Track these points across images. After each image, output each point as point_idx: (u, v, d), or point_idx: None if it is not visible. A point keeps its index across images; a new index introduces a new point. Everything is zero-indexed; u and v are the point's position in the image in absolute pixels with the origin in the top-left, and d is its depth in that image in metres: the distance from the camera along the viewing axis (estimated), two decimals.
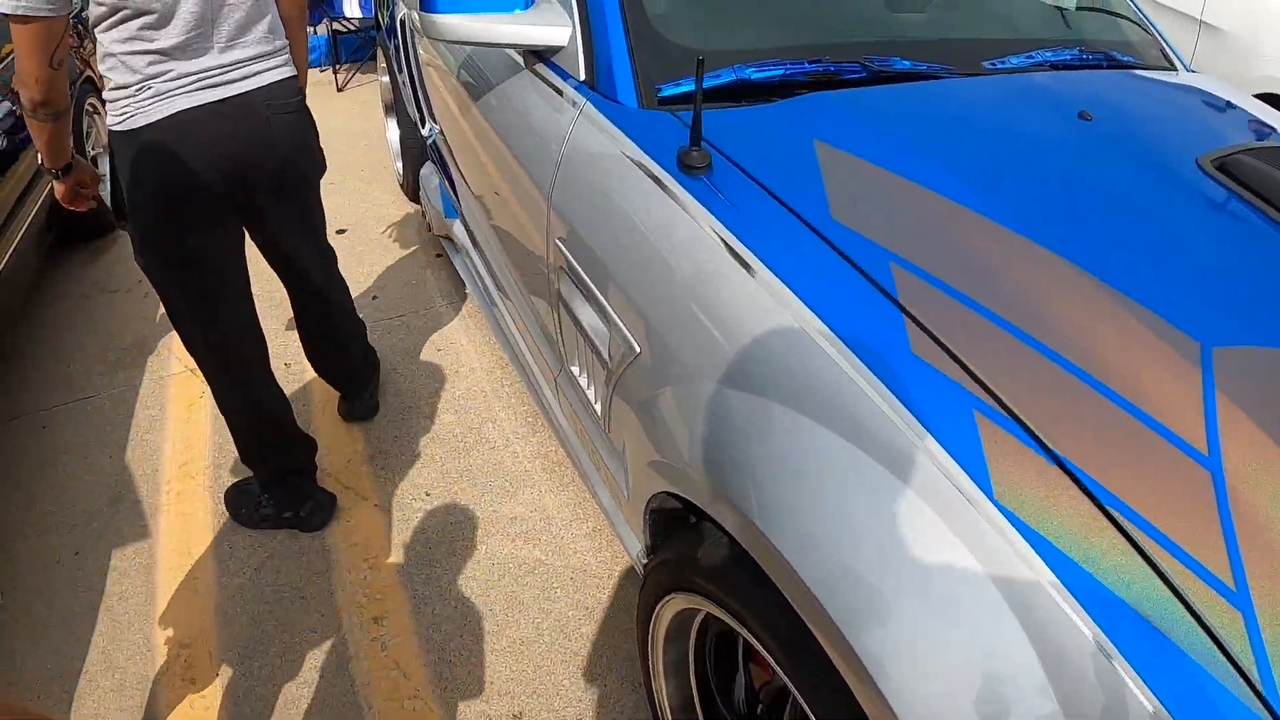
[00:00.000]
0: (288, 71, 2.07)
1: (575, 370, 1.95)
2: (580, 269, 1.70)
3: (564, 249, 1.77)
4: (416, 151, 3.90)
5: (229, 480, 2.74)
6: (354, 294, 3.54)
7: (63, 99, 1.80)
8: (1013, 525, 0.96)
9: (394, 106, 4.50)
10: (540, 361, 2.27)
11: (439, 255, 3.80)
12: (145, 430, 3.01)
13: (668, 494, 1.51)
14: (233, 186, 2.02)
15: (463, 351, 3.19)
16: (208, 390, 3.13)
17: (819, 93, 1.71)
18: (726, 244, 1.35)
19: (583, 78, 1.88)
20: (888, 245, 1.28)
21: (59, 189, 2.06)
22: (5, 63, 3.78)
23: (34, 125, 1.85)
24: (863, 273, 1.24)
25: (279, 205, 2.18)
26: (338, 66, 6.79)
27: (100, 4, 1.77)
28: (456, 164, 2.85)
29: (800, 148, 1.51)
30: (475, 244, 2.87)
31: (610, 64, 1.80)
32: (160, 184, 1.93)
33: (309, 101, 2.22)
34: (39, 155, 1.97)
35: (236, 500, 2.61)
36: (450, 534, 2.51)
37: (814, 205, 1.37)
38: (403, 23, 3.38)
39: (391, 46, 3.85)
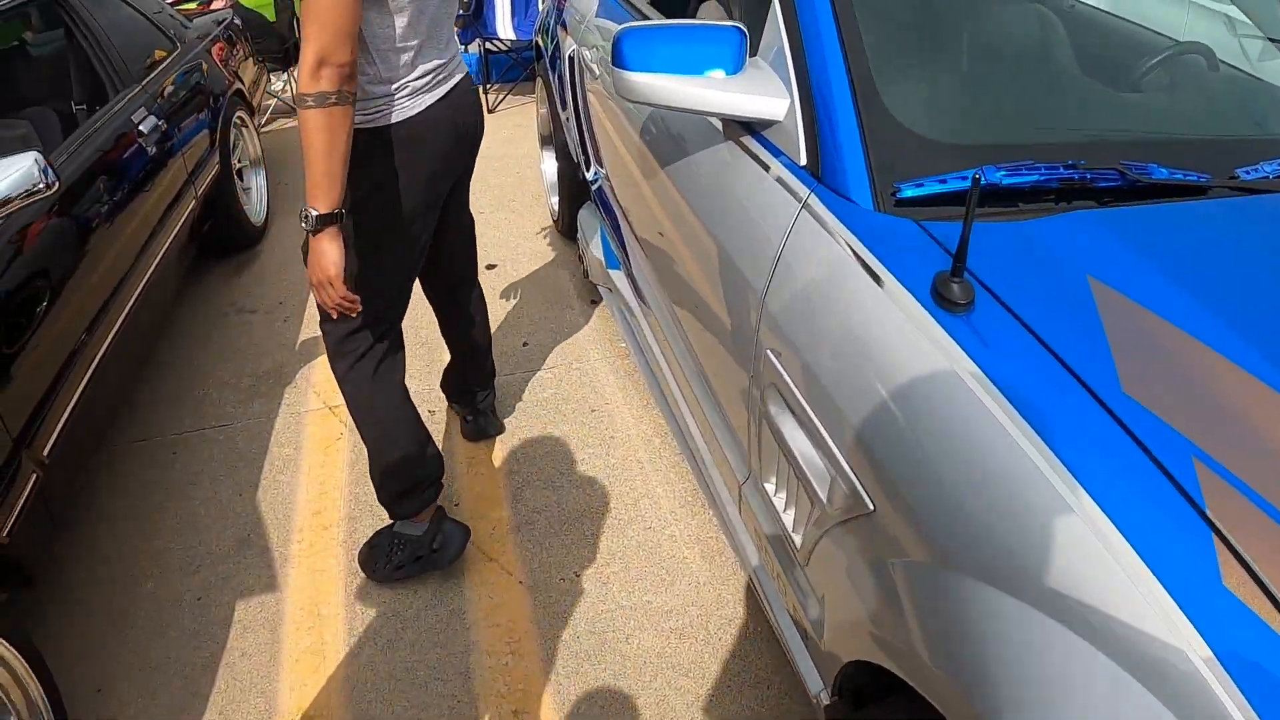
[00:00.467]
0: (466, 66, 2.30)
1: (769, 488, 1.76)
2: (801, 396, 1.50)
3: (778, 365, 1.58)
4: (575, 189, 3.80)
5: (365, 533, 2.65)
6: (503, 337, 3.45)
7: (355, 81, 1.82)
8: None
9: (552, 139, 4.43)
10: (718, 457, 2.10)
11: (594, 301, 3.69)
12: (278, 469, 2.95)
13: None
14: (459, 171, 2.29)
15: (618, 414, 3.05)
16: (346, 432, 3.07)
17: (1083, 211, 1.46)
18: (995, 408, 1.14)
19: (803, 162, 1.67)
20: (1188, 433, 1.06)
21: (326, 258, 1.91)
22: (152, 77, 3.82)
23: (318, 119, 1.78)
24: (1164, 470, 1.03)
25: (466, 177, 2.46)
26: (488, 86, 6.81)
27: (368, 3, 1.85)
28: (628, 219, 2.73)
29: (1074, 287, 1.28)
30: (643, 304, 2.74)
31: (839, 152, 1.59)
32: (414, 175, 2.09)
33: None
34: (305, 208, 1.87)
35: (370, 559, 2.55)
36: (599, 623, 2.36)
37: (1101, 371, 1.14)
38: (571, 59, 3.27)
39: (554, 79, 3.76)
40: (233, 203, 4.34)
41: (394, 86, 1.99)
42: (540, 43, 4.16)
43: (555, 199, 4.28)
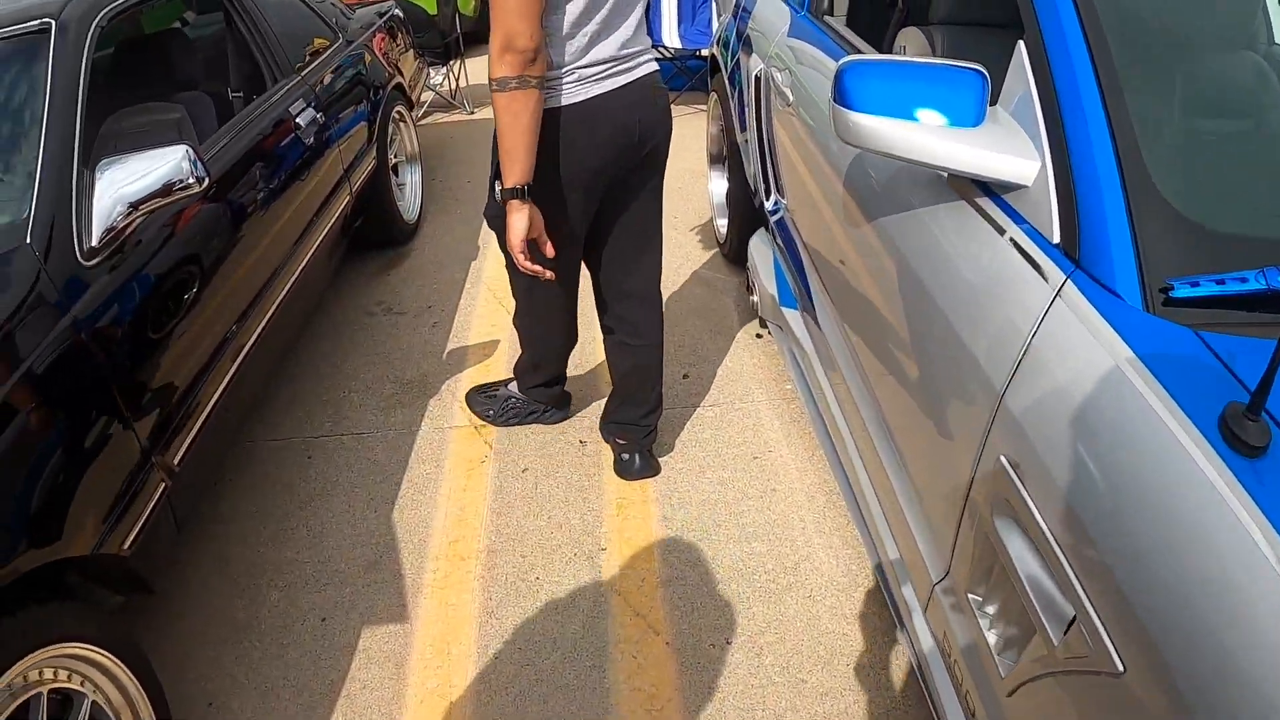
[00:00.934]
0: (656, 66, 2.37)
1: (975, 599, 1.58)
2: (1043, 521, 1.30)
3: (1016, 479, 1.38)
4: (747, 215, 3.68)
5: (505, 570, 2.59)
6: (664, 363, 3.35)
7: (540, 66, 2.01)
8: None
9: (722, 158, 4.32)
10: (905, 544, 1.93)
11: (760, 335, 3.55)
12: (417, 488, 2.91)
13: None
14: (626, 161, 2.35)
15: (781, 464, 2.91)
16: (491, 456, 3.00)
17: None
18: None
19: (1056, 239, 1.47)
20: None
21: (513, 228, 2.18)
22: (311, 68, 3.85)
23: (503, 102, 2.01)
24: None
25: (644, 179, 2.49)
26: None
27: None
28: (813, 260, 2.59)
29: None
30: (820, 350, 2.59)
31: (1104, 234, 1.38)
32: (581, 156, 2.23)
33: None
34: (498, 183, 2.18)
35: (481, 401, 3.18)
36: (749, 697, 2.23)
37: None
38: (758, 79, 3.14)
39: (733, 98, 3.64)
40: (387, 199, 4.37)
41: (562, 71, 2.13)
42: (718, 56, 4.06)
43: (723, 222, 4.17)
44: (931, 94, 1.56)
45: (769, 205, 3.14)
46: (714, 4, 5.46)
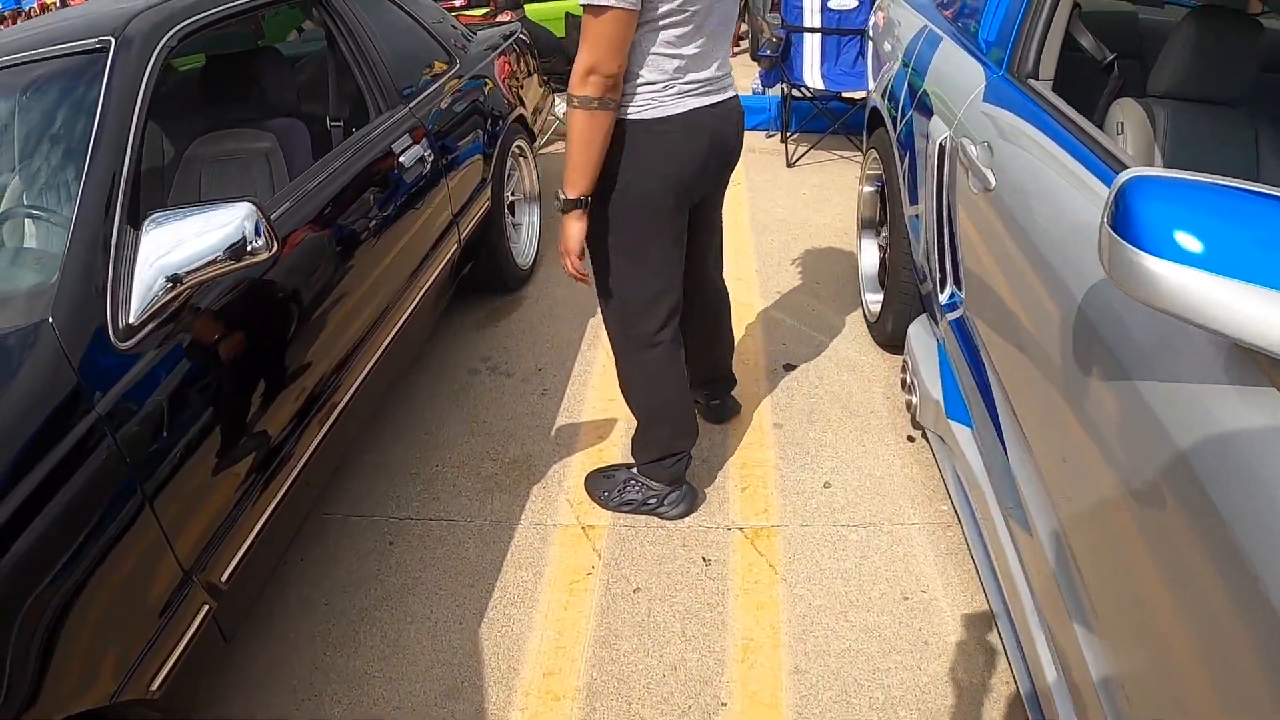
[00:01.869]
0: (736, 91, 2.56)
1: None
2: None
3: None
4: (906, 296, 3.25)
5: (606, 718, 2.19)
6: (801, 469, 2.95)
7: (619, 91, 2.22)
8: None
9: (876, 225, 3.91)
10: None
11: (912, 439, 3.11)
12: (510, 599, 2.58)
13: None
14: (714, 175, 2.55)
15: (936, 609, 2.49)
16: (599, 567, 2.64)
17: None
18: None
19: None
20: None
21: (568, 236, 2.35)
22: (423, 97, 3.54)
23: (579, 119, 2.19)
24: None
25: (719, 191, 2.74)
26: (788, 135, 6.36)
27: (654, 7, 2.15)
28: (1003, 381, 2.16)
29: None
30: (996, 486, 2.18)
31: None
32: (677, 167, 2.38)
33: (759, 169, 2.70)
34: (560, 193, 2.32)
35: (600, 485, 2.92)
36: None
37: None
38: (942, 149, 2.71)
39: (901, 162, 3.22)
40: (500, 243, 4.06)
41: (661, 85, 2.28)
42: (881, 109, 3.63)
43: (874, 298, 3.74)
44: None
45: (942, 298, 2.71)
46: (868, 45, 5.03)
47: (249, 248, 1.88)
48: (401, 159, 3.11)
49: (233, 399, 2.11)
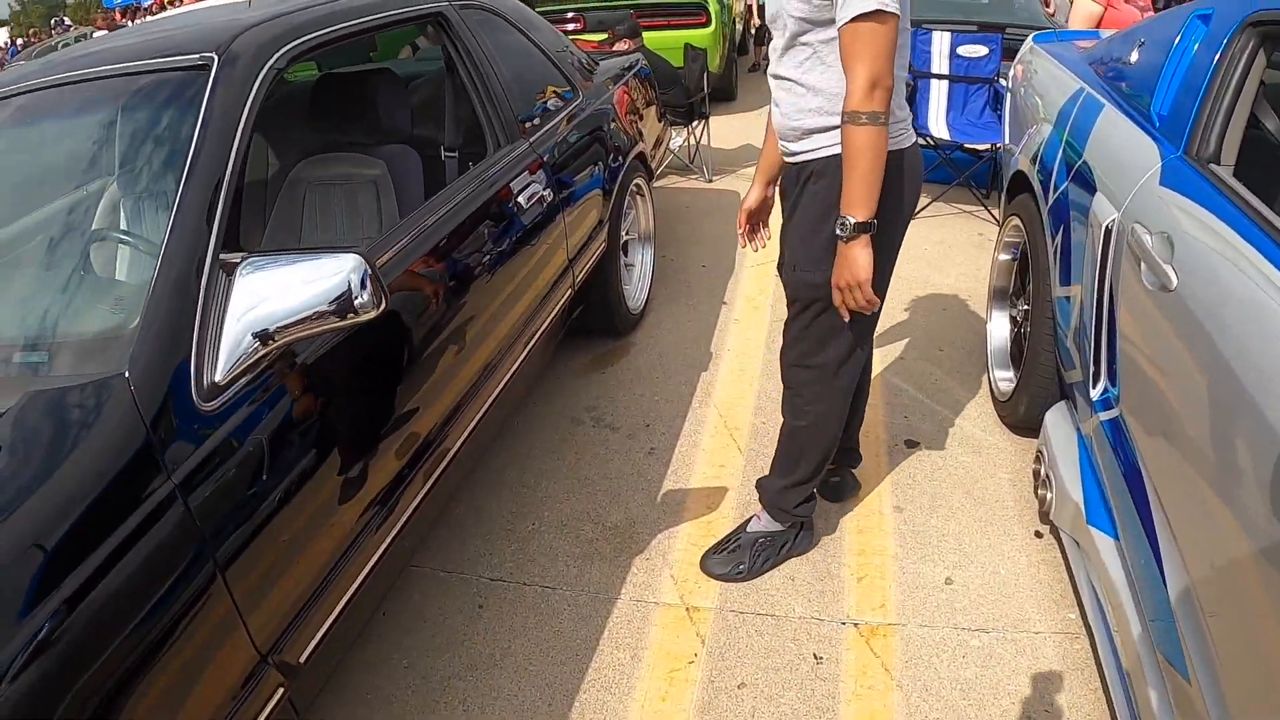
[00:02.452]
0: None
1: None
2: None
3: None
4: (1043, 380, 3.04)
5: None
6: (920, 562, 2.78)
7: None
8: None
9: (1010, 296, 3.69)
10: None
11: (1040, 534, 2.90)
12: (605, 685, 2.44)
13: None
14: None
15: None
16: (703, 656, 2.48)
17: None
18: None
19: None
20: None
21: (858, 264, 2.21)
22: (543, 131, 3.40)
23: (870, 137, 2.09)
24: None
25: None
26: None
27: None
28: (1164, 501, 1.96)
29: None
30: (1140, 608, 1.98)
31: None
32: (908, 202, 2.38)
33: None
34: (849, 219, 2.17)
35: (728, 564, 2.77)
36: None
37: None
38: (1108, 233, 2.50)
39: (1051, 238, 3.00)
40: (613, 285, 3.94)
41: (902, 113, 2.27)
42: (1030, 176, 3.40)
43: (1004, 375, 3.53)
44: None
45: (1093, 393, 2.50)
46: (1005, 97, 4.81)
47: (354, 303, 1.74)
48: (519, 198, 3.00)
49: (329, 461, 1.99)
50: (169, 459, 1.59)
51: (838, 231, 2.20)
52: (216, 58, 2.16)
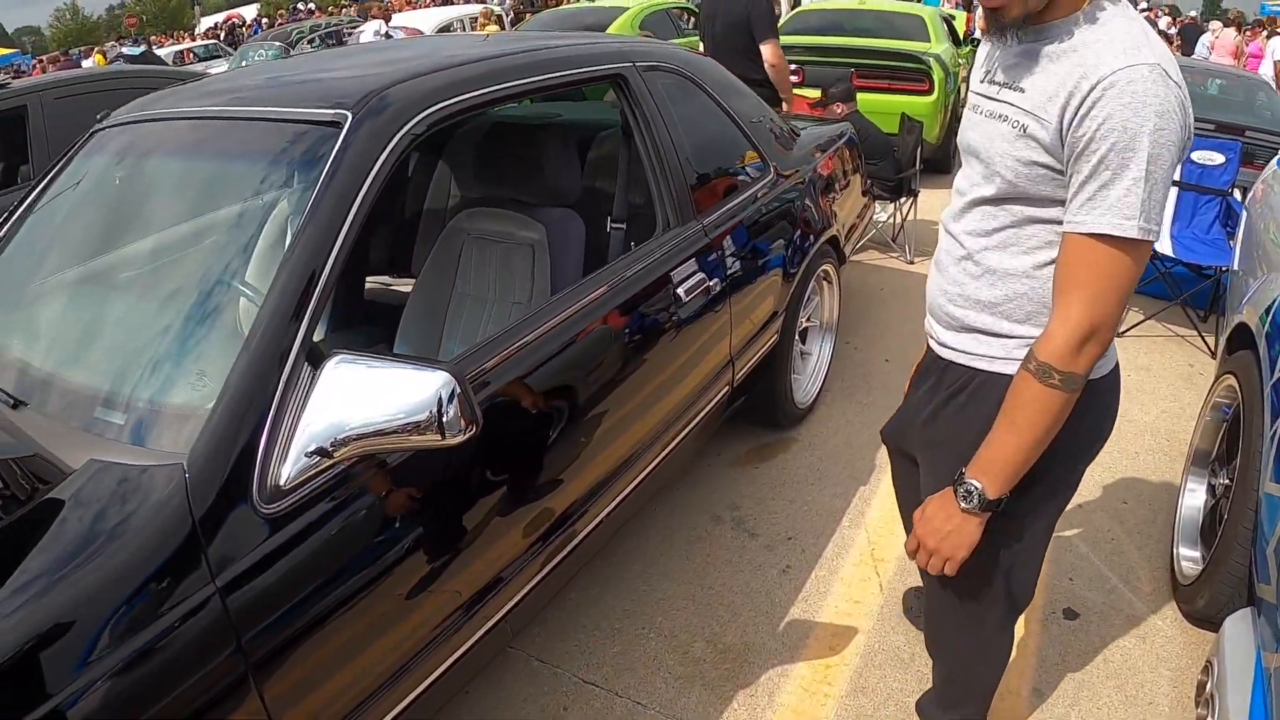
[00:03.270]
0: None
1: None
2: None
3: None
4: (1235, 581, 2.72)
5: None
6: None
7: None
8: None
9: (1211, 464, 3.33)
10: None
11: None
12: None
13: None
14: None
15: None
16: None
17: None
18: None
19: None
20: None
21: (963, 541, 1.78)
22: (722, 211, 3.36)
23: (1053, 403, 1.65)
24: None
25: None
26: None
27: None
28: None
29: None
30: None
31: None
32: (1097, 438, 1.92)
33: None
34: (968, 481, 1.75)
35: None
36: None
37: None
38: None
39: (1273, 421, 2.67)
40: (780, 378, 3.75)
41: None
42: (1256, 333, 3.03)
43: (1188, 553, 3.18)
44: None
45: None
46: (1241, 215, 4.41)
47: (442, 424, 1.63)
48: (682, 287, 2.85)
49: (412, 563, 1.91)
50: (214, 560, 1.56)
51: (958, 499, 1.76)
52: (350, 116, 2.07)
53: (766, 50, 5.48)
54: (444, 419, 1.63)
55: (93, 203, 2.61)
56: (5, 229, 2.62)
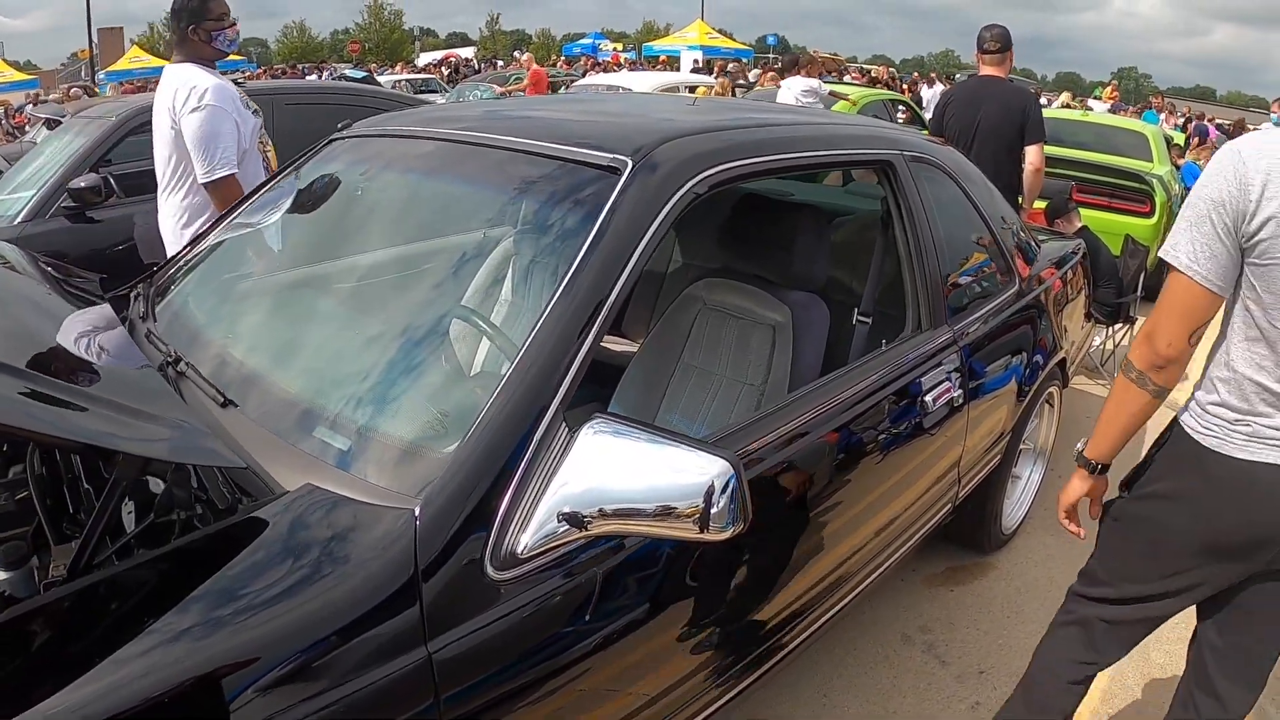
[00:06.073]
0: None
1: None
2: None
3: None
4: None
5: None
6: None
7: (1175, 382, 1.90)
8: None
9: None
10: None
11: None
12: None
13: None
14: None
15: None
16: None
17: None
18: None
19: None
20: None
21: (1068, 488, 2.21)
22: (970, 319, 3.14)
23: (1128, 391, 1.95)
24: None
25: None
26: None
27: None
28: None
29: None
30: None
31: None
32: (1206, 521, 1.96)
33: None
34: (1085, 446, 2.12)
35: None
36: None
37: None
38: None
39: None
40: (993, 499, 3.55)
41: (1229, 407, 1.87)
42: None
43: None
44: None
45: None
46: None
47: (710, 515, 1.50)
48: (926, 397, 2.69)
49: (621, 661, 1.79)
50: (433, 621, 1.45)
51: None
52: (630, 163, 1.96)
53: (1032, 153, 5.32)
54: (711, 510, 1.49)
55: (328, 209, 2.60)
56: (233, 218, 2.62)
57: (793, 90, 9.57)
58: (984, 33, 5.49)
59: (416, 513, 1.49)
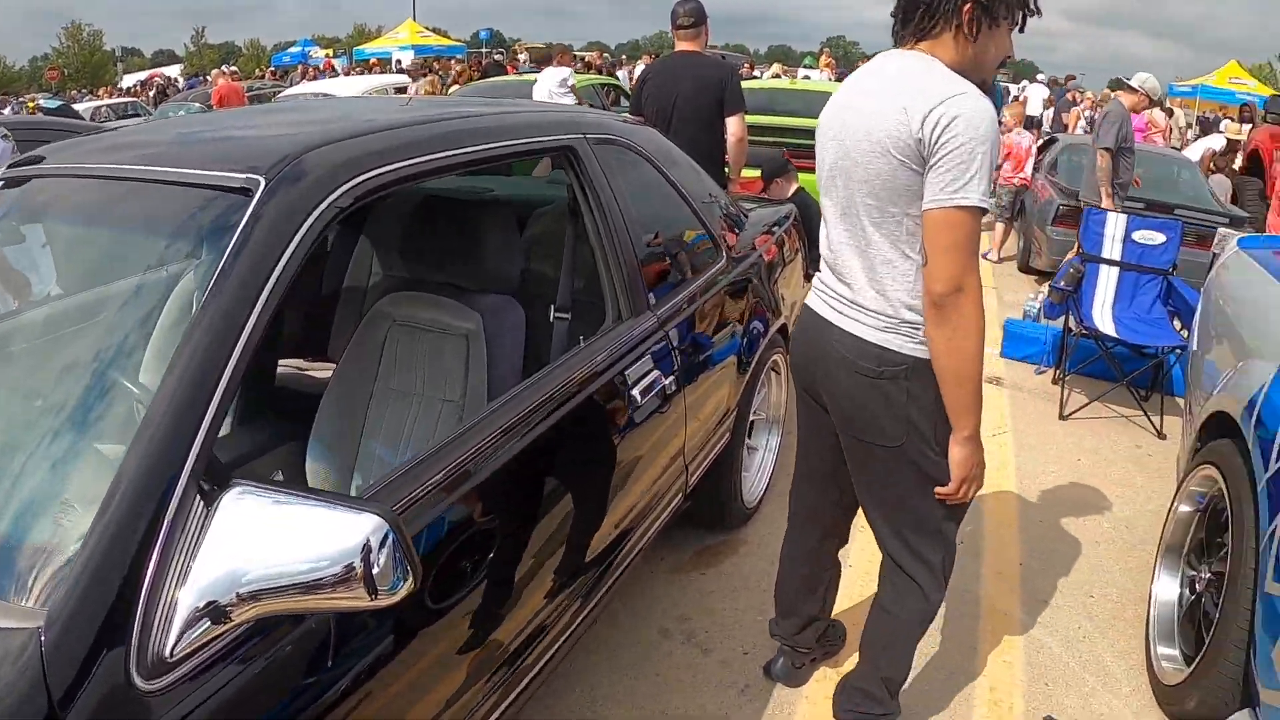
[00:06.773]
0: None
1: None
2: None
3: None
4: (1230, 684, 2.56)
5: None
6: None
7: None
8: None
9: (1185, 553, 3.18)
10: None
11: None
12: None
13: None
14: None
15: None
16: None
17: None
18: None
19: None
20: None
21: (967, 462, 2.21)
22: (674, 301, 3.15)
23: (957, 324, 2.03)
24: None
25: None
26: (1062, 375, 5.77)
27: None
28: None
29: None
30: None
31: None
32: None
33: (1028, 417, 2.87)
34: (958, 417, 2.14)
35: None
36: None
37: None
38: None
39: (1271, 518, 2.52)
40: (728, 478, 3.54)
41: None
42: (1243, 426, 2.80)
43: (1167, 652, 3.01)
44: None
45: None
46: (1200, 295, 4.32)
47: (372, 577, 1.33)
48: (635, 390, 2.63)
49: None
50: None
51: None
52: (263, 183, 1.76)
53: (733, 123, 5.39)
54: (373, 570, 1.33)
55: None
56: None
57: (549, 81, 9.74)
58: (678, 8, 5.51)
59: (41, 630, 1.26)
